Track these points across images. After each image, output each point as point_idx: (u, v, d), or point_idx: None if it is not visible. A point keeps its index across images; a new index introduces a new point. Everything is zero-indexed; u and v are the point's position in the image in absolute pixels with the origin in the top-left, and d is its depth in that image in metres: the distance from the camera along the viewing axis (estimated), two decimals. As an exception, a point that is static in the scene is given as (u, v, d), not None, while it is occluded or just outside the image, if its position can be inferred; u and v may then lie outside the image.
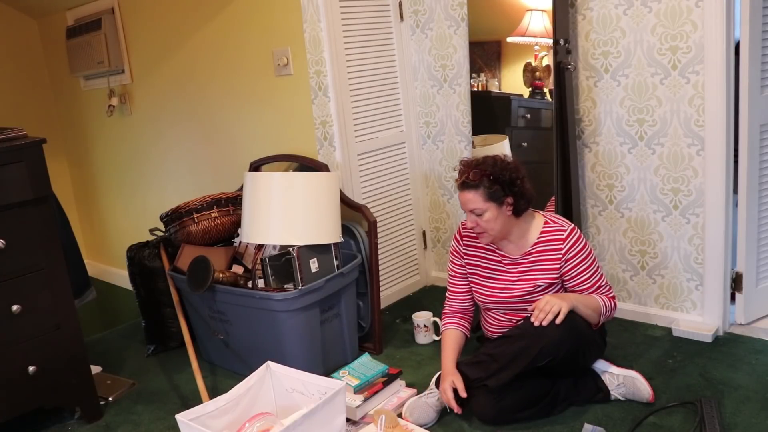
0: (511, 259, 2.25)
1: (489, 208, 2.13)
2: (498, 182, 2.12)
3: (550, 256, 2.19)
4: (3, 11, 4.14)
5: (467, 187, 2.14)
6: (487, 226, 2.15)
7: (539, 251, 2.20)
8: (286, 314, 2.39)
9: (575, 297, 2.12)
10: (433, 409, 2.17)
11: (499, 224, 2.15)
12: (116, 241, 4.23)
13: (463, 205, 2.18)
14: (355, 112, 3.00)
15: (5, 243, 2.14)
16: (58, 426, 2.41)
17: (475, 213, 2.15)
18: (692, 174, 2.53)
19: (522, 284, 2.23)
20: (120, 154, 4.04)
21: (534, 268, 2.21)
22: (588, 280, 2.19)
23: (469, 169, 2.14)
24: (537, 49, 2.73)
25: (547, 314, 2.01)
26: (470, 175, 2.13)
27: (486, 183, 2.11)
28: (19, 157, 2.15)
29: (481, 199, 2.12)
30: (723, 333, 2.58)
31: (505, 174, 2.13)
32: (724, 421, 1.99)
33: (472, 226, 2.19)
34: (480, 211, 2.14)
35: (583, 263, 2.18)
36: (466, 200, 2.15)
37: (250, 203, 2.52)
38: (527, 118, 2.86)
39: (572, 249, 2.17)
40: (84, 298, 2.87)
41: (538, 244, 2.20)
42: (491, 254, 2.29)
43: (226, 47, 3.12)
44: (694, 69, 2.43)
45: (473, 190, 2.13)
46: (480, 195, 2.12)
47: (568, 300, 2.06)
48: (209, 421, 1.93)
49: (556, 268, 2.19)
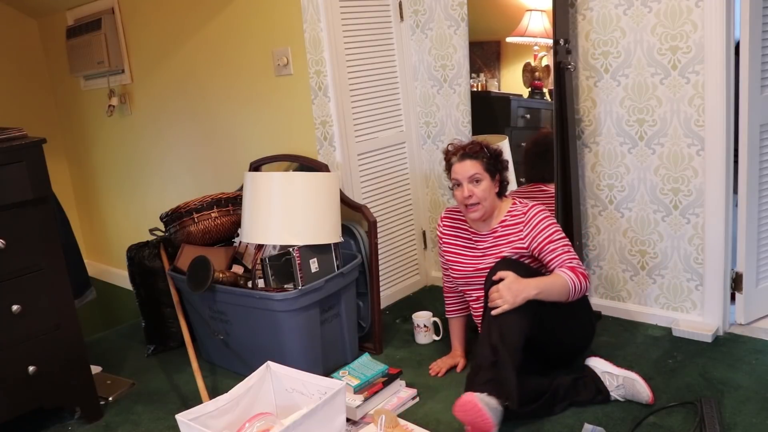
0: (480, 235, 2.40)
1: (486, 177, 2.29)
2: (492, 157, 2.32)
3: (512, 231, 2.32)
4: (3, 11, 4.14)
5: (467, 156, 2.30)
6: (482, 196, 2.29)
7: (503, 227, 2.35)
8: (286, 314, 2.39)
9: (536, 282, 2.11)
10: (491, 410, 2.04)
11: (490, 198, 2.31)
12: (116, 241, 4.23)
13: (461, 174, 2.29)
14: (355, 112, 3.00)
15: (5, 243, 2.14)
16: (58, 426, 2.41)
17: (475, 179, 2.28)
18: (692, 174, 2.53)
19: (487, 258, 2.35)
20: (120, 154, 4.05)
21: (498, 243, 2.34)
22: (556, 250, 2.24)
23: (464, 146, 2.32)
24: (536, 49, 2.73)
25: (491, 303, 2.08)
26: (470, 148, 2.31)
27: (484, 155, 2.30)
28: (19, 157, 2.15)
29: (481, 167, 2.29)
30: (723, 333, 2.58)
31: (496, 152, 2.34)
32: (724, 421, 1.99)
33: (468, 195, 2.29)
34: (480, 177, 2.28)
35: (546, 237, 2.26)
36: (467, 168, 2.28)
37: (250, 203, 2.52)
38: (527, 118, 2.86)
39: (531, 222, 2.29)
40: (84, 298, 2.88)
41: (503, 221, 2.35)
42: (464, 233, 2.45)
43: (226, 47, 3.12)
44: (694, 69, 2.43)
45: (474, 159, 2.29)
46: (480, 163, 2.29)
47: (522, 293, 2.05)
48: (209, 421, 1.93)
49: (521, 246, 2.29)
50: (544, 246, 2.25)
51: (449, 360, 2.53)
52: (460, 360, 2.52)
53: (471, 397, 1.93)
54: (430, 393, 2.36)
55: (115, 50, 3.67)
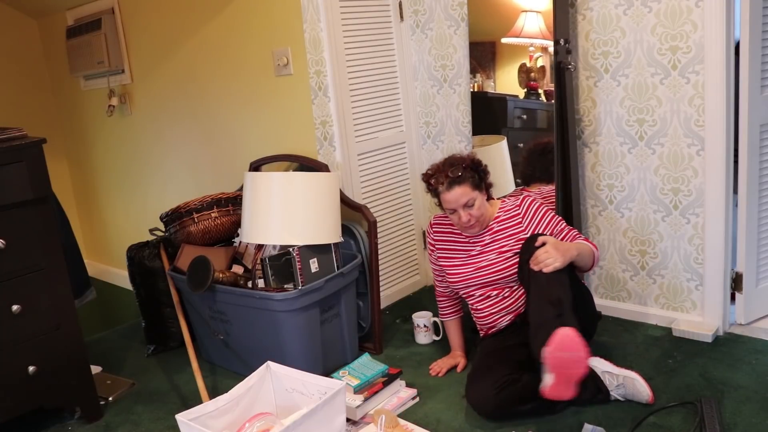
0: (474, 237, 2.39)
1: (477, 195, 2.28)
2: (473, 170, 2.30)
3: (509, 224, 2.34)
4: (3, 11, 4.14)
5: (455, 183, 2.26)
6: (478, 214, 2.29)
7: (499, 223, 2.36)
8: (286, 314, 2.39)
9: (575, 244, 2.20)
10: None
11: (484, 209, 2.32)
12: (116, 241, 4.23)
13: (454, 203, 2.27)
14: (355, 112, 3.00)
15: (5, 243, 2.14)
16: (58, 426, 2.41)
17: (468, 205, 2.27)
18: (692, 174, 2.53)
19: (488, 254, 2.35)
20: (120, 154, 4.05)
21: (497, 238, 2.35)
22: (563, 231, 2.30)
23: (445, 169, 2.28)
24: (532, 50, 2.74)
25: (541, 264, 2.08)
26: (451, 171, 2.26)
27: (468, 173, 2.27)
28: (19, 157, 2.15)
29: (470, 188, 2.27)
30: (723, 333, 2.58)
31: (474, 164, 2.32)
32: (724, 421, 1.99)
33: (466, 220, 2.28)
34: (472, 201, 2.27)
35: (544, 217, 2.31)
36: (457, 196, 2.26)
37: (250, 203, 2.52)
38: (523, 119, 2.87)
39: (528, 213, 2.32)
40: (84, 298, 2.88)
41: (497, 218, 2.37)
42: (457, 236, 2.44)
43: (226, 47, 3.12)
44: (694, 69, 2.43)
45: (461, 185, 2.26)
46: (468, 186, 2.26)
47: (568, 252, 2.12)
48: (209, 421, 1.93)
49: (518, 231, 2.32)
50: (551, 231, 2.29)
51: (450, 360, 2.53)
52: (461, 360, 2.52)
53: (567, 330, 1.93)
54: (430, 393, 2.36)
55: (115, 50, 3.67)
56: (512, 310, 2.35)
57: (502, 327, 2.38)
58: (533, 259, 2.12)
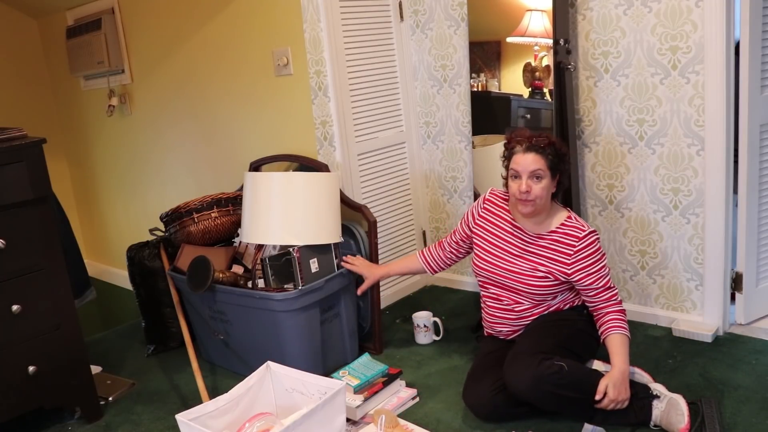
0: (525, 234, 2.24)
1: (547, 176, 2.13)
2: (558, 155, 2.15)
3: (560, 248, 2.17)
4: (3, 11, 4.14)
5: (533, 149, 2.12)
6: (540, 194, 2.12)
7: (553, 239, 2.19)
8: (286, 314, 2.39)
9: (623, 359, 2.07)
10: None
11: (546, 196, 2.15)
12: (116, 241, 4.23)
13: (523, 167, 2.12)
14: (355, 112, 3.00)
15: (5, 243, 2.14)
16: (58, 426, 2.41)
17: (536, 174, 2.11)
18: (692, 174, 2.53)
19: (523, 261, 2.22)
20: (120, 154, 4.05)
21: (541, 253, 2.20)
22: (595, 282, 2.15)
23: (531, 135, 2.15)
24: (537, 49, 2.73)
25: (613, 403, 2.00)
26: (536, 139, 2.13)
27: (551, 151, 2.13)
28: (19, 157, 2.15)
29: (545, 164, 2.12)
30: (723, 333, 2.58)
31: (562, 149, 2.17)
32: (724, 421, 1.99)
33: (525, 191, 2.11)
34: (541, 174, 2.11)
35: (593, 266, 2.15)
36: (530, 162, 2.11)
37: (250, 203, 2.52)
38: (527, 118, 2.86)
39: (586, 249, 2.14)
40: (84, 298, 2.88)
41: (555, 232, 2.19)
42: (507, 224, 2.29)
43: (226, 47, 3.12)
44: (694, 69, 2.43)
45: (539, 154, 2.12)
46: (544, 160, 2.12)
47: (624, 373, 2.04)
48: (209, 421, 1.93)
49: (563, 262, 2.16)
50: (590, 283, 2.16)
51: (365, 270, 2.55)
52: (372, 277, 2.54)
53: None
54: (430, 393, 2.36)
55: (115, 50, 3.67)
56: (514, 325, 2.29)
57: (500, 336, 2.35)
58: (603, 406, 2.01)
